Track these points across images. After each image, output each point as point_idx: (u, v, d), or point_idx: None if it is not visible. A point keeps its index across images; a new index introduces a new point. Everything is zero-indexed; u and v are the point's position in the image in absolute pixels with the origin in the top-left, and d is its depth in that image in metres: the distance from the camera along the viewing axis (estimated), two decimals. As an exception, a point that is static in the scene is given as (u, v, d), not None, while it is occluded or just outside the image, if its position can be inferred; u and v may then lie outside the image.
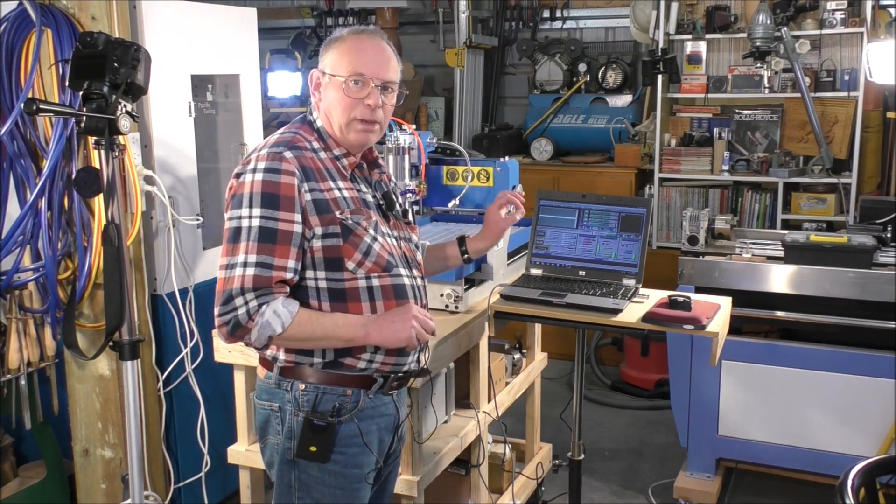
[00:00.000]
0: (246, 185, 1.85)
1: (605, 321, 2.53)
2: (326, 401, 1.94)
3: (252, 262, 1.81)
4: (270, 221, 1.82)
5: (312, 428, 1.92)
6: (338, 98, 1.94)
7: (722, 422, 3.59)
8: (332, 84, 1.95)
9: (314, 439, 1.93)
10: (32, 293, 2.95)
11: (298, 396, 1.94)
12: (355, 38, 1.96)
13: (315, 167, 1.90)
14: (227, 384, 2.79)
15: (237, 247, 1.83)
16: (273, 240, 1.82)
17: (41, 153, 2.86)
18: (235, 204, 1.85)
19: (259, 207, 1.82)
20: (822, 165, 4.83)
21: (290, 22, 6.80)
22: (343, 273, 1.91)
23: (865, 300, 3.30)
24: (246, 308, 1.80)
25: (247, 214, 1.83)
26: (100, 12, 2.83)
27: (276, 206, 1.83)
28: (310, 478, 1.96)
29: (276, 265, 1.82)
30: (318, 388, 1.94)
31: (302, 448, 1.93)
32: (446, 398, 2.84)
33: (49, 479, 3.19)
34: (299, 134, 1.96)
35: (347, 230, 1.90)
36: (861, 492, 1.90)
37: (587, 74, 5.80)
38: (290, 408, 1.94)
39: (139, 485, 2.59)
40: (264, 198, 1.83)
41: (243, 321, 1.81)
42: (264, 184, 1.83)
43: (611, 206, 2.75)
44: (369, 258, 1.93)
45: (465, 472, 2.99)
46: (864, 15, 4.72)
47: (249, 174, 1.85)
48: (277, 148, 1.88)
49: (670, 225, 5.30)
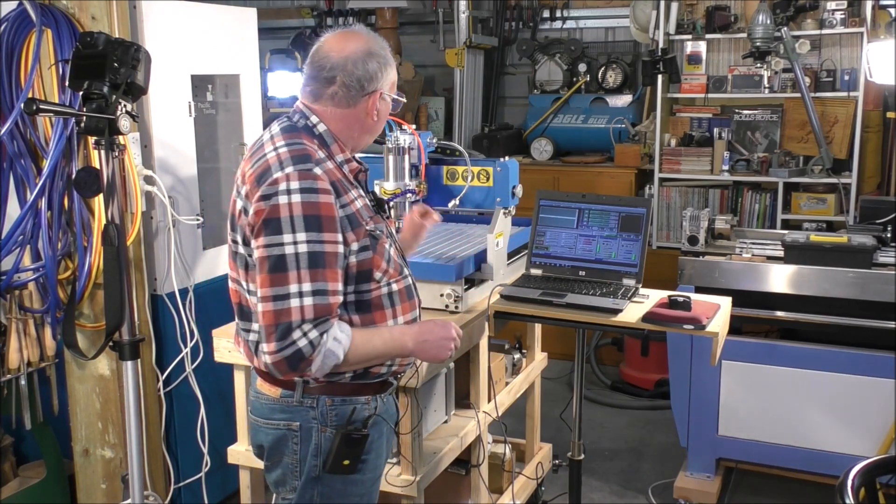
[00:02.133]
0: (282, 207, 1.73)
1: (605, 321, 2.53)
2: (358, 412, 1.92)
3: (308, 291, 1.71)
4: (318, 245, 1.73)
5: (349, 442, 1.89)
6: (385, 115, 1.97)
7: (722, 422, 3.59)
8: (387, 103, 1.96)
9: (349, 453, 1.90)
10: (32, 293, 2.95)
11: (326, 412, 1.90)
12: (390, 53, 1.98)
13: (337, 179, 1.84)
14: (227, 384, 2.78)
15: (286, 276, 1.72)
16: (323, 265, 1.73)
17: (41, 153, 2.86)
18: (273, 230, 1.73)
19: (304, 232, 1.72)
20: (822, 165, 4.83)
21: (290, 22, 6.80)
22: (370, 284, 1.88)
23: (865, 300, 3.30)
24: (308, 340, 1.72)
25: (290, 241, 1.72)
26: (100, 12, 2.83)
27: (320, 229, 1.73)
28: (332, 490, 1.95)
29: (331, 290, 1.75)
30: (348, 401, 1.91)
31: (336, 463, 1.89)
32: (446, 398, 2.84)
33: (49, 479, 3.19)
34: (307, 145, 1.85)
35: (375, 240, 1.88)
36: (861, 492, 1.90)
37: (587, 74, 5.80)
38: (317, 424, 1.90)
39: (139, 485, 2.59)
40: (307, 221, 1.72)
41: (307, 354, 1.72)
42: (304, 206, 1.73)
43: (611, 206, 2.75)
44: (391, 265, 1.92)
45: (465, 472, 2.99)
46: (864, 15, 4.72)
47: (283, 196, 1.73)
48: (305, 165, 1.77)
49: (670, 225, 5.29)
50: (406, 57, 6.27)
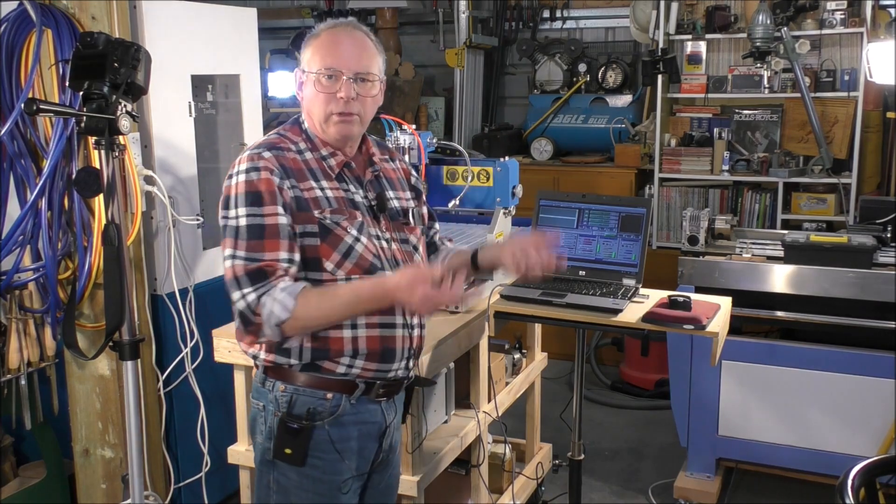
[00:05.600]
0: (231, 187, 1.88)
1: (605, 321, 2.53)
2: (301, 403, 1.93)
3: (241, 256, 1.83)
4: (257, 218, 1.84)
5: (287, 430, 1.93)
6: (313, 94, 1.94)
7: (722, 422, 3.59)
8: (308, 80, 1.95)
9: (289, 442, 1.93)
10: (32, 293, 2.95)
11: (279, 397, 1.94)
12: (329, 32, 1.96)
13: (296, 167, 1.91)
14: (227, 384, 2.78)
15: (225, 242, 1.87)
16: (261, 235, 1.84)
17: (41, 153, 2.86)
18: (223, 206, 1.90)
19: (244, 206, 1.85)
20: (822, 165, 4.83)
21: (290, 22, 6.80)
22: (322, 273, 1.90)
23: (865, 300, 3.30)
24: (245, 303, 1.81)
25: (233, 215, 1.86)
26: (100, 12, 2.83)
27: (259, 203, 1.85)
28: (288, 481, 1.96)
29: (269, 257, 1.83)
30: (297, 390, 1.94)
31: (278, 449, 1.94)
32: (446, 398, 2.84)
33: (49, 479, 3.19)
34: (285, 136, 1.97)
35: (326, 230, 1.89)
36: (861, 492, 1.90)
37: (587, 74, 5.80)
38: (272, 408, 1.95)
39: (139, 485, 2.59)
40: (247, 197, 1.85)
41: (249, 315, 1.82)
42: (246, 184, 1.86)
43: (611, 206, 2.75)
44: (349, 259, 1.91)
45: (465, 472, 2.99)
46: (864, 15, 4.72)
47: (235, 177, 1.89)
48: (258, 149, 1.91)
49: (670, 225, 5.30)
50: (406, 57, 6.27)
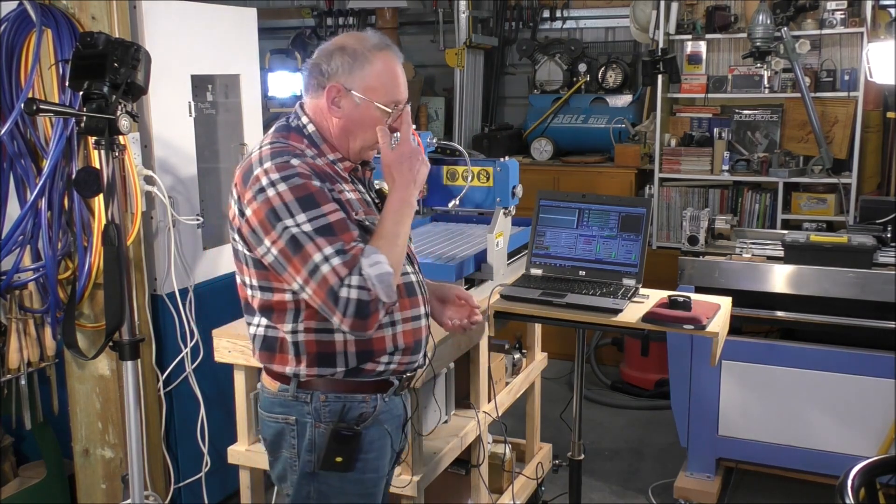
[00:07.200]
0: (274, 199, 1.77)
1: (605, 321, 2.53)
2: (353, 409, 1.93)
3: (332, 253, 1.74)
4: (321, 219, 1.77)
5: (339, 438, 1.90)
6: (372, 122, 1.90)
7: (722, 422, 3.59)
8: (366, 107, 1.90)
9: (340, 450, 1.91)
10: (32, 293, 2.95)
11: (319, 407, 1.91)
12: (387, 60, 1.93)
13: (322, 171, 1.86)
14: (227, 384, 2.78)
15: (306, 251, 1.75)
16: (333, 232, 1.77)
17: (41, 153, 2.86)
18: (274, 219, 1.77)
19: (302, 213, 1.76)
20: (822, 165, 4.83)
21: (290, 22, 6.80)
22: None
23: (865, 300, 3.30)
24: (355, 288, 1.74)
25: (292, 223, 1.76)
26: (100, 12, 2.83)
27: (316, 204, 1.77)
28: (330, 488, 1.95)
29: (349, 247, 1.77)
30: (341, 398, 1.92)
31: (328, 459, 1.91)
32: (446, 398, 2.84)
33: (49, 479, 3.19)
34: (289, 143, 1.90)
35: (365, 230, 1.87)
36: (861, 492, 1.90)
37: (587, 74, 5.80)
38: (311, 419, 1.92)
39: (139, 485, 2.59)
40: (301, 202, 1.77)
41: (364, 297, 1.74)
42: (292, 190, 1.77)
43: (611, 206, 2.75)
44: None
45: (465, 472, 2.99)
46: (864, 15, 4.72)
47: (270, 189, 1.78)
48: (281, 158, 1.82)
49: (670, 225, 5.29)
50: (406, 57, 6.20)
